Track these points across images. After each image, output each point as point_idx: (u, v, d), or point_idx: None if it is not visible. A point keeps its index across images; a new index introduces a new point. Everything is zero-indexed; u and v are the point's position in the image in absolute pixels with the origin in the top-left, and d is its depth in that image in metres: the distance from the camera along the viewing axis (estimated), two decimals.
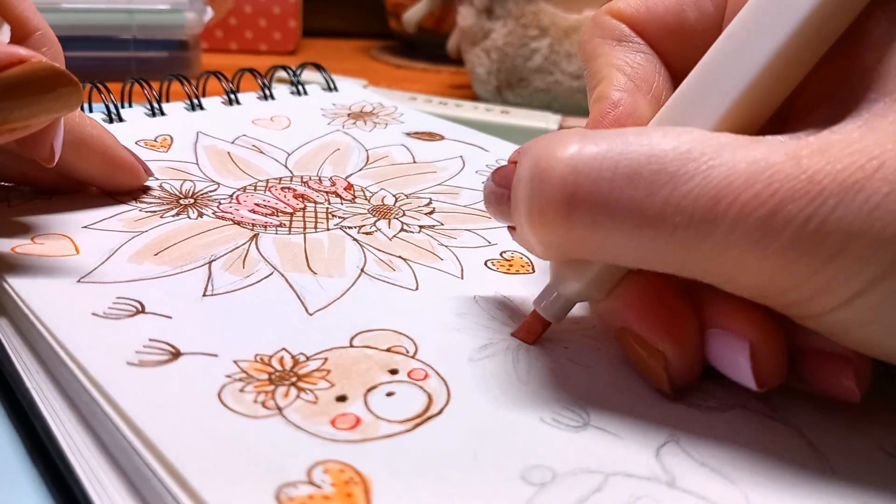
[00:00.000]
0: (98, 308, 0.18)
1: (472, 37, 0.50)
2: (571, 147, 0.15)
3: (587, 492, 0.13)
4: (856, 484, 0.14)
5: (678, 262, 0.15)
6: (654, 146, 0.14)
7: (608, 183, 0.14)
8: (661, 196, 0.14)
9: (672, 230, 0.14)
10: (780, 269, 0.14)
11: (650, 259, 0.15)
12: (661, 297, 0.16)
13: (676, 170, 0.14)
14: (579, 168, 0.15)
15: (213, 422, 0.14)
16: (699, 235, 0.14)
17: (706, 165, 0.14)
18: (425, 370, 0.17)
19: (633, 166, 0.14)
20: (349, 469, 0.13)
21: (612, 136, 0.15)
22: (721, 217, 0.14)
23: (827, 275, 0.14)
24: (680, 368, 0.16)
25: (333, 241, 0.23)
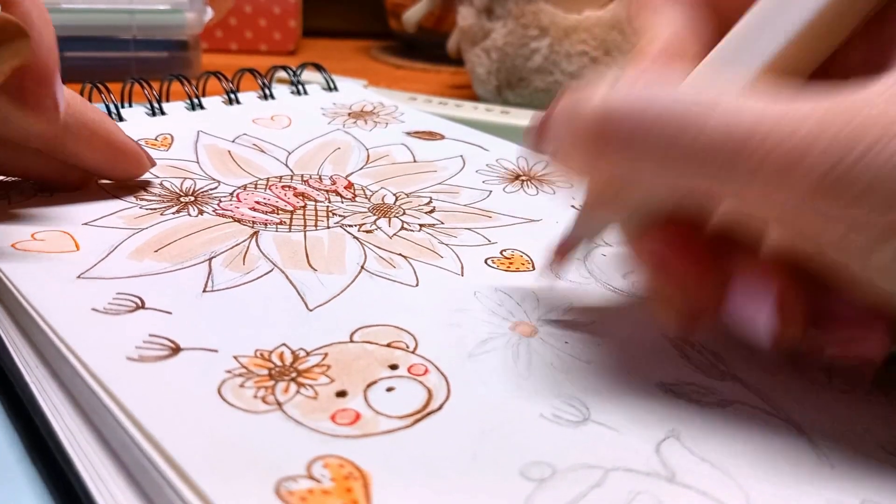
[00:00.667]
0: (98, 304, 0.18)
1: (472, 37, 0.50)
2: (601, 91, 0.16)
3: (586, 487, 0.13)
4: (855, 481, 0.14)
5: (702, 196, 0.15)
6: (683, 91, 0.15)
7: (637, 120, 0.15)
8: (689, 135, 0.14)
9: (701, 165, 0.15)
10: (809, 206, 0.14)
11: (679, 192, 0.16)
12: (687, 237, 0.17)
13: (707, 106, 0.14)
14: (611, 105, 0.15)
15: (213, 417, 0.14)
16: (724, 172, 0.14)
17: (735, 107, 0.14)
18: (425, 365, 0.17)
19: (663, 109, 0.15)
20: (349, 464, 0.13)
21: (639, 84, 0.16)
22: (748, 155, 0.14)
23: (856, 213, 0.14)
24: (695, 299, 0.17)
25: (334, 238, 0.23)
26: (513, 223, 0.25)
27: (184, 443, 0.13)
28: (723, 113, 0.14)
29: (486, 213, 0.26)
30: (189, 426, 0.14)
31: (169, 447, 0.13)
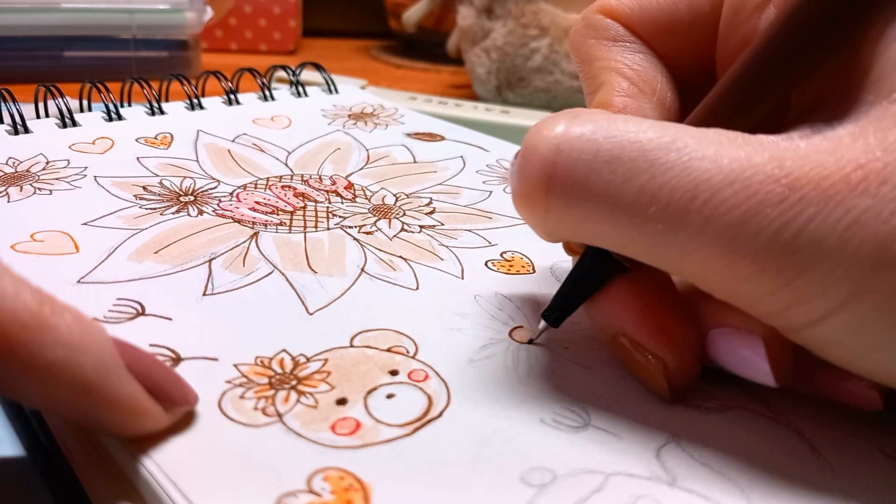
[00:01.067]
0: (98, 311, 0.18)
1: (472, 36, 0.49)
2: (559, 126, 0.15)
3: (587, 492, 0.13)
4: (856, 486, 0.14)
5: (651, 254, 0.14)
6: (638, 133, 0.14)
7: (587, 165, 0.14)
8: (637, 183, 0.14)
9: (645, 220, 0.14)
10: (751, 276, 0.13)
11: (625, 247, 0.15)
12: (656, 301, 0.16)
13: (656, 158, 0.14)
14: (561, 148, 0.14)
15: (214, 432, 0.14)
16: (672, 229, 0.13)
17: (687, 157, 0.13)
18: (425, 371, 0.17)
19: (614, 150, 0.14)
20: (349, 476, 0.13)
21: (601, 119, 0.15)
22: (696, 212, 0.13)
23: (798, 289, 0.13)
24: (680, 373, 0.16)
25: (334, 240, 0.23)
26: (513, 224, 0.25)
27: (184, 460, 0.13)
28: (679, 156, 0.13)
29: (487, 214, 0.26)
30: (189, 443, 0.14)
31: (169, 465, 0.13)
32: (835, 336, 0.13)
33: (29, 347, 0.12)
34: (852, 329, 0.13)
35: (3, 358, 0.12)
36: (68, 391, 0.13)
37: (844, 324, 0.13)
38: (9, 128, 0.28)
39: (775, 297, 0.13)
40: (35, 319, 0.12)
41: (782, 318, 0.14)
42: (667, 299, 0.16)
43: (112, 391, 0.13)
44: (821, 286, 0.13)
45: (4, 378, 0.12)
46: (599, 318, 0.17)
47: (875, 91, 0.14)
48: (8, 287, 0.12)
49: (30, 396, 0.13)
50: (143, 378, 0.14)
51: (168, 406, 0.14)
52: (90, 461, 0.15)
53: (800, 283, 0.13)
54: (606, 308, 0.16)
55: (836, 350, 0.14)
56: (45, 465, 0.16)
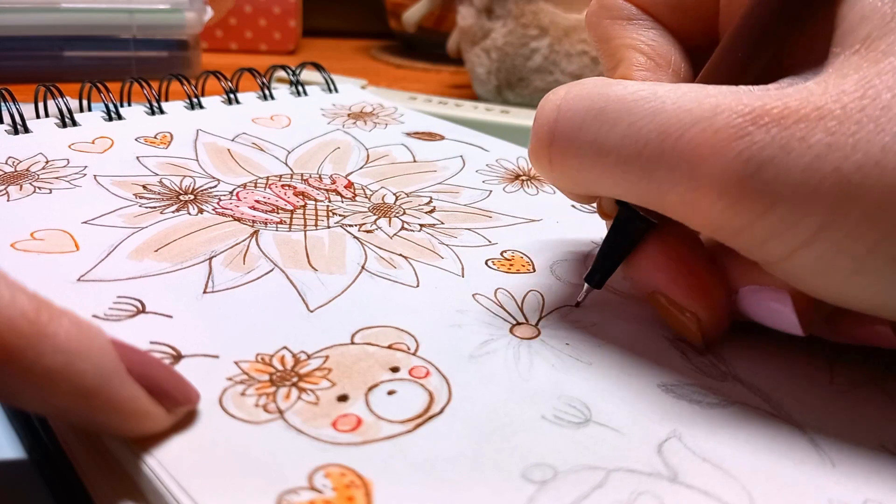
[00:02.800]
0: (98, 309, 0.18)
1: (472, 36, 0.49)
2: (562, 91, 0.17)
3: (588, 488, 0.13)
4: (857, 480, 0.14)
5: (638, 194, 0.16)
6: (625, 89, 0.16)
7: (580, 118, 0.16)
8: (619, 130, 0.15)
9: (626, 161, 0.15)
10: (724, 209, 0.14)
11: (616, 189, 0.16)
12: (688, 261, 0.17)
13: (634, 107, 0.15)
14: (561, 107, 0.16)
15: (215, 429, 0.14)
16: (649, 167, 0.15)
17: (660, 103, 0.15)
18: (426, 367, 0.17)
19: (602, 104, 0.16)
20: (350, 472, 0.13)
21: (602, 83, 0.16)
22: (667, 152, 0.14)
23: (770, 221, 0.14)
24: (712, 326, 0.17)
25: (334, 238, 0.23)
26: (513, 223, 0.25)
27: (185, 458, 0.13)
28: (655, 104, 0.15)
29: (487, 213, 0.26)
30: (191, 440, 0.14)
31: (170, 463, 0.13)
32: (811, 266, 0.14)
33: (27, 355, 0.12)
34: (826, 259, 0.14)
35: (2, 366, 0.12)
36: (69, 397, 0.13)
37: (818, 254, 0.14)
38: (9, 128, 0.28)
39: (751, 231, 0.14)
40: (33, 327, 0.12)
41: (761, 251, 0.15)
42: (696, 257, 0.17)
43: (113, 395, 0.13)
44: (791, 218, 0.14)
45: (4, 386, 0.12)
46: (636, 278, 0.18)
47: (841, 44, 0.15)
48: (4, 294, 0.12)
49: (30, 403, 0.13)
50: (143, 379, 0.13)
51: (170, 406, 0.14)
52: (92, 460, 0.15)
53: (771, 215, 0.14)
54: (641, 269, 0.18)
55: (816, 281, 0.15)
56: (46, 467, 0.16)
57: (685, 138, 0.14)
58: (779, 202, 0.14)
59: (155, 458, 0.13)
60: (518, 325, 0.19)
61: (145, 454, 0.13)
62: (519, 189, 0.28)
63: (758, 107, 0.14)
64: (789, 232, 0.14)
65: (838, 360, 0.18)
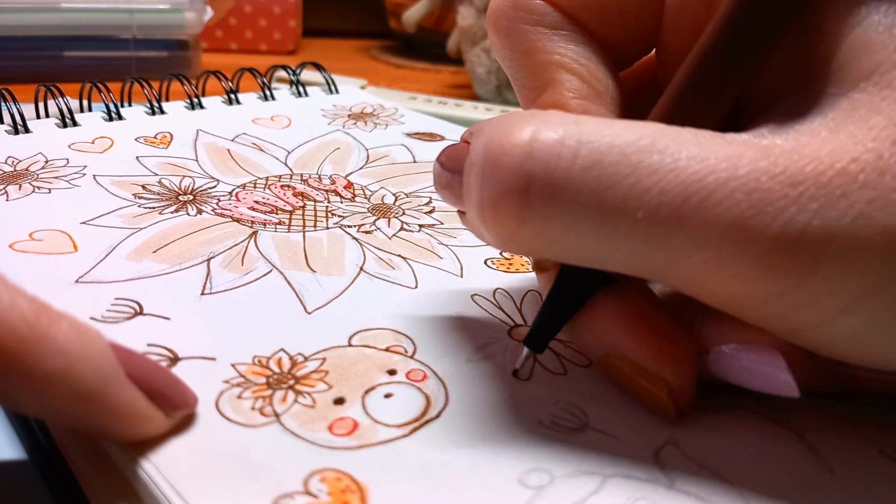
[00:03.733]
0: (97, 311, 0.18)
1: (472, 36, 0.49)
2: (527, 130, 0.13)
3: (585, 494, 0.13)
4: (855, 487, 0.14)
5: (640, 263, 0.13)
6: (615, 136, 0.13)
7: (566, 172, 0.13)
8: (623, 188, 0.13)
9: (633, 226, 0.13)
10: (757, 277, 0.13)
11: (610, 258, 0.14)
12: (652, 319, 0.15)
13: (639, 161, 0.13)
14: (536, 155, 0.13)
15: (211, 433, 0.14)
16: (664, 234, 0.13)
17: (671, 158, 0.13)
18: (424, 371, 0.17)
19: (594, 155, 0.13)
20: (346, 477, 0.13)
21: (570, 122, 0.13)
22: (690, 215, 0.12)
23: (809, 288, 0.12)
24: (682, 391, 0.15)
25: (333, 239, 0.23)
26: None
27: (181, 461, 0.13)
28: (664, 158, 0.13)
29: None
30: (186, 443, 0.14)
31: (166, 465, 0.13)
32: (848, 334, 0.13)
33: (26, 359, 0.12)
34: (866, 326, 0.13)
35: (1, 370, 0.12)
36: (68, 401, 0.12)
37: (858, 321, 0.13)
38: (9, 128, 0.28)
39: (784, 299, 0.13)
40: (32, 330, 0.12)
41: (790, 320, 0.13)
42: (658, 314, 0.15)
43: (112, 399, 0.13)
44: (834, 283, 0.12)
45: (3, 389, 0.12)
46: (588, 339, 0.16)
47: (838, 82, 0.13)
48: (3, 297, 0.12)
49: (29, 406, 0.13)
50: (142, 383, 0.13)
51: (168, 410, 0.14)
52: (89, 463, 0.15)
53: (812, 281, 0.12)
54: (595, 327, 0.15)
55: (848, 348, 0.13)
56: (46, 467, 0.16)
57: (712, 200, 0.12)
58: (821, 266, 0.12)
59: (151, 462, 0.13)
60: (516, 328, 0.19)
61: (142, 457, 0.13)
62: None
63: (787, 165, 0.12)
64: (830, 298, 0.12)
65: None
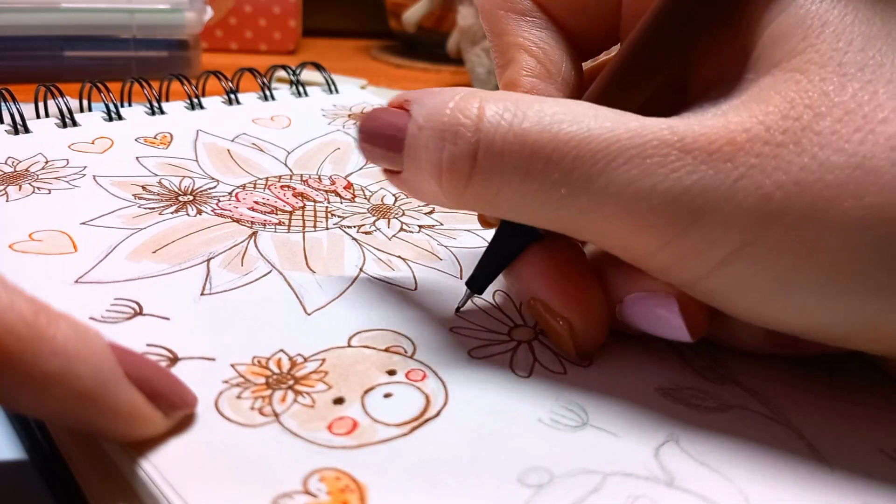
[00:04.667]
0: (96, 311, 0.18)
1: (472, 36, 0.49)
2: (474, 105, 0.16)
3: (585, 492, 0.13)
4: (855, 484, 0.14)
5: (557, 219, 0.16)
6: (543, 111, 0.15)
7: (502, 140, 0.15)
8: (544, 154, 0.15)
9: (551, 185, 0.15)
10: (645, 231, 0.15)
11: (534, 214, 0.16)
12: (566, 270, 0.17)
13: (560, 130, 0.15)
14: (483, 126, 0.15)
15: (211, 432, 0.14)
16: (574, 192, 0.15)
17: (586, 129, 0.15)
18: (423, 371, 0.17)
19: (525, 125, 0.15)
20: (345, 476, 0.13)
21: (510, 99, 0.16)
22: (596, 177, 0.14)
23: (689, 241, 0.14)
24: (585, 335, 0.17)
25: (332, 240, 0.23)
26: None
27: (180, 460, 0.13)
28: (580, 129, 0.15)
29: None
30: (186, 443, 0.14)
31: (165, 465, 0.13)
32: (730, 286, 0.15)
33: (25, 359, 0.12)
34: (746, 278, 0.14)
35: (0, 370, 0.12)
36: (67, 401, 0.12)
37: (738, 272, 0.14)
38: (9, 128, 0.28)
39: (668, 250, 0.15)
40: (31, 330, 0.12)
41: (676, 271, 0.15)
42: (576, 267, 0.18)
43: (111, 399, 0.13)
44: (709, 238, 0.14)
45: (2, 389, 0.12)
46: (515, 285, 0.18)
47: (755, 69, 0.15)
48: (2, 297, 0.12)
49: (28, 406, 0.13)
50: (141, 383, 0.13)
51: (167, 410, 0.14)
52: (87, 462, 0.15)
53: (691, 234, 0.14)
54: (521, 275, 0.18)
55: (734, 302, 0.15)
56: (46, 468, 0.16)
57: (614, 164, 0.14)
58: (701, 220, 0.14)
59: (150, 462, 0.13)
60: (516, 328, 0.19)
61: (141, 457, 0.13)
62: None
63: (686, 134, 0.14)
64: (710, 249, 0.14)
65: (837, 365, 0.18)
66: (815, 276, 0.14)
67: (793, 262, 0.14)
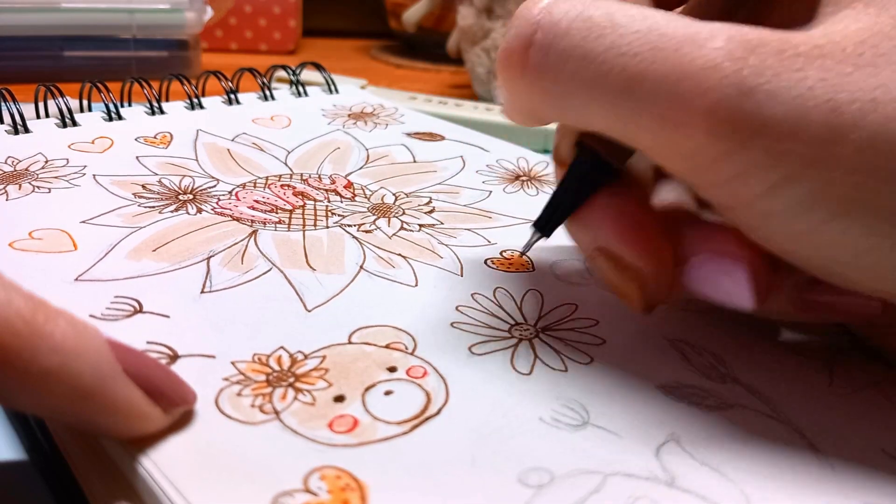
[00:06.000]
0: (96, 309, 0.18)
1: (472, 36, 0.49)
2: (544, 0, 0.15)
3: (585, 493, 0.13)
4: (857, 484, 0.14)
5: (613, 118, 0.15)
6: (614, 7, 0.15)
7: (567, 24, 0.15)
8: (608, 39, 0.14)
9: (610, 72, 0.14)
10: (705, 134, 0.14)
11: (591, 111, 0.15)
12: (639, 217, 0.17)
13: (628, 21, 0.14)
14: (546, 10, 0.15)
15: (211, 430, 0.14)
16: (629, 89, 0.14)
17: (654, 21, 0.14)
18: (424, 367, 0.16)
19: (593, 12, 0.15)
20: (346, 475, 0.13)
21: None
22: (653, 73, 0.14)
23: (752, 152, 0.13)
24: (654, 288, 0.16)
25: (333, 238, 0.22)
26: (513, 224, 0.25)
27: (180, 458, 0.13)
28: (649, 20, 0.14)
29: (486, 214, 0.25)
30: (186, 440, 0.14)
31: (165, 463, 0.13)
32: (787, 210, 0.14)
33: (23, 356, 0.12)
34: (807, 201, 0.13)
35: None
36: (65, 398, 0.12)
37: (800, 194, 0.13)
38: (9, 128, 0.28)
39: (729, 161, 0.14)
40: (29, 327, 0.12)
41: (734, 187, 0.14)
42: (648, 215, 0.17)
43: (109, 396, 0.13)
44: (776, 149, 0.13)
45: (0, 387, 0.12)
46: (582, 233, 0.18)
47: (835, 2, 0.15)
48: (0, 294, 0.12)
49: (26, 404, 0.13)
50: (140, 380, 0.13)
51: (166, 407, 0.14)
52: (87, 460, 0.15)
53: (755, 144, 0.13)
54: (590, 220, 0.17)
55: (790, 229, 0.14)
56: (46, 467, 0.16)
57: (678, 53, 0.14)
58: (764, 131, 0.13)
59: (150, 459, 0.13)
60: (517, 325, 0.19)
61: (141, 455, 0.13)
62: (519, 189, 0.28)
63: (755, 36, 0.13)
64: (771, 166, 0.13)
65: (838, 364, 0.18)
66: (884, 199, 0.13)
67: (861, 183, 0.13)
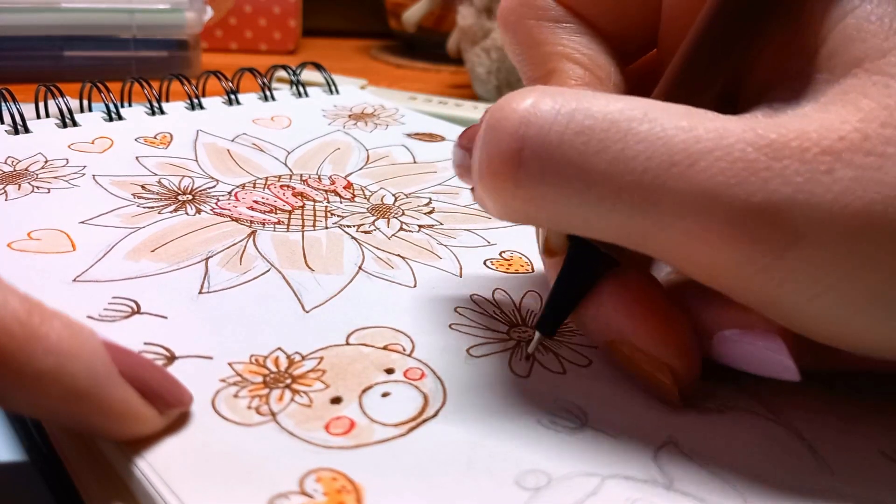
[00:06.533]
0: (93, 310, 0.18)
1: (472, 36, 0.49)
2: (527, 100, 0.14)
3: (582, 496, 0.13)
4: (855, 487, 0.14)
5: (626, 230, 0.14)
6: (608, 105, 0.14)
7: (558, 136, 0.13)
8: (611, 153, 0.13)
9: (619, 191, 0.13)
10: (738, 248, 0.13)
11: (598, 224, 0.14)
12: (655, 304, 0.15)
13: (629, 129, 0.13)
14: (531, 120, 0.14)
15: (207, 431, 0.14)
16: (649, 200, 0.13)
17: (660, 127, 0.13)
18: (422, 369, 0.16)
19: (587, 121, 0.13)
20: (342, 477, 0.13)
21: (568, 93, 0.14)
22: (675, 182, 0.13)
23: (791, 262, 0.13)
24: (687, 377, 0.15)
25: (332, 239, 0.22)
26: (513, 224, 0.25)
27: (175, 460, 0.13)
28: (653, 126, 0.13)
29: (486, 214, 0.25)
30: (182, 442, 0.14)
31: (161, 464, 0.13)
32: (834, 313, 0.13)
33: (18, 357, 0.12)
34: (857, 304, 0.13)
35: None
36: (60, 400, 0.12)
37: (847, 298, 0.13)
38: (9, 128, 0.28)
39: (767, 273, 0.13)
40: (24, 329, 0.12)
41: (773, 296, 0.13)
42: (660, 298, 0.15)
43: (105, 398, 0.13)
44: (814, 260, 0.12)
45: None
46: (593, 326, 0.16)
47: (829, 69, 0.14)
48: None
49: (22, 406, 0.13)
50: (136, 381, 0.13)
51: (162, 408, 0.14)
52: (83, 461, 0.15)
53: (792, 255, 0.12)
54: (599, 313, 0.16)
55: (838, 329, 0.13)
56: (46, 468, 0.16)
57: (696, 168, 0.13)
58: (802, 240, 0.12)
59: (146, 461, 0.13)
60: (515, 327, 0.19)
61: (136, 456, 0.13)
62: None
63: (774, 138, 0.13)
64: (813, 274, 0.13)
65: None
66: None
67: (888, 275, 0.12)
